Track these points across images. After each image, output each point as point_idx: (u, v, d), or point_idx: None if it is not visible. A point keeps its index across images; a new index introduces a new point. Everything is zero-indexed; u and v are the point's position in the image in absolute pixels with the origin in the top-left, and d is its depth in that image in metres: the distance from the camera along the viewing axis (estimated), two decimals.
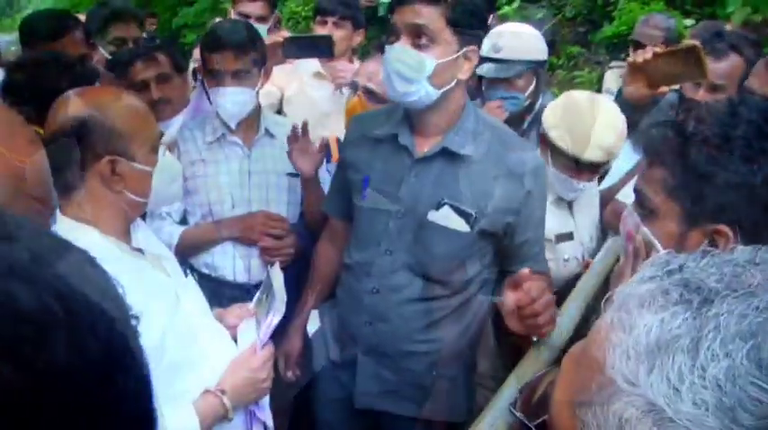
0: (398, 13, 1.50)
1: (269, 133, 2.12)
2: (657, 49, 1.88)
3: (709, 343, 0.46)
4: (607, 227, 2.08)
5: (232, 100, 1.95)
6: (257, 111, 2.09)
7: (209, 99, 2.06)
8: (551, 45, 2.86)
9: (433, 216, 1.57)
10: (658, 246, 1.01)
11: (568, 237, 1.99)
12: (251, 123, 2.08)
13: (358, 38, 2.86)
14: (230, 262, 2.07)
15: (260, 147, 2.10)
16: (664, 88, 2.00)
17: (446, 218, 1.57)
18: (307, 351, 1.92)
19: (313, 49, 2.24)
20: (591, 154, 1.86)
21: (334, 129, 2.57)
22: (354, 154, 1.73)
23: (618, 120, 1.90)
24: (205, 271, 2.08)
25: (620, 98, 2.04)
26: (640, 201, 1.06)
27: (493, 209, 1.56)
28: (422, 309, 1.64)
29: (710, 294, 0.49)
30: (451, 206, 1.56)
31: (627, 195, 1.58)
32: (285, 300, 1.41)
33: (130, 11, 2.52)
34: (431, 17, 1.45)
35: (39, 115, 1.42)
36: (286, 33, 2.18)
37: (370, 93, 2.08)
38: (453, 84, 1.52)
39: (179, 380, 1.28)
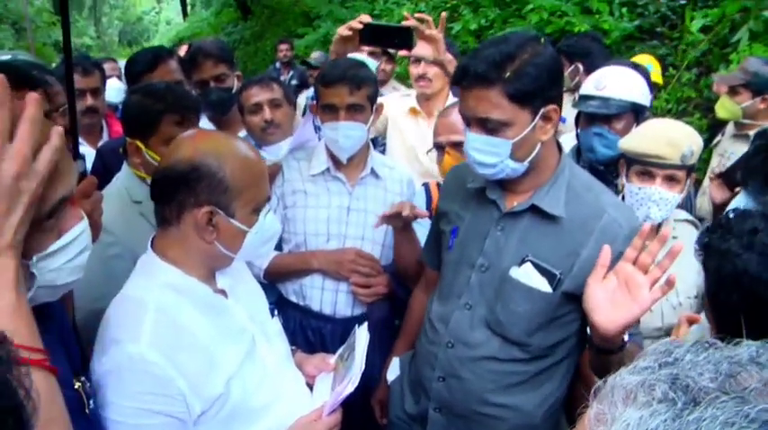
0: (462, 101, 1.45)
1: (374, 173, 2.11)
2: None
3: None
4: None
5: (345, 134, 1.96)
6: (366, 148, 2.09)
7: (317, 134, 2.07)
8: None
9: (515, 272, 1.51)
10: None
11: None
12: (358, 161, 2.08)
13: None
14: (318, 293, 2.08)
15: (363, 185, 2.10)
16: None
17: (528, 275, 1.50)
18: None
19: (392, 39, 2.09)
20: (657, 147, 1.84)
21: (426, 168, 2.56)
22: (447, 204, 1.71)
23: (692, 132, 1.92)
24: (293, 298, 2.12)
25: None
26: None
27: (579, 270, 1.47)
28: (497, 370, 1.56)
29: (699, 394, 0.47)
30: (534, 264, 1.49)
31: None
32: (363, 368, 1.37)
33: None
34: (489, 104, 1.38)
35: (143, 134, 1.75)
36: (368, 18, 2.04)
37: (456, 145, 1.98)
38: (538, 148, 1.46)
39: (244, 427, 1.27)
